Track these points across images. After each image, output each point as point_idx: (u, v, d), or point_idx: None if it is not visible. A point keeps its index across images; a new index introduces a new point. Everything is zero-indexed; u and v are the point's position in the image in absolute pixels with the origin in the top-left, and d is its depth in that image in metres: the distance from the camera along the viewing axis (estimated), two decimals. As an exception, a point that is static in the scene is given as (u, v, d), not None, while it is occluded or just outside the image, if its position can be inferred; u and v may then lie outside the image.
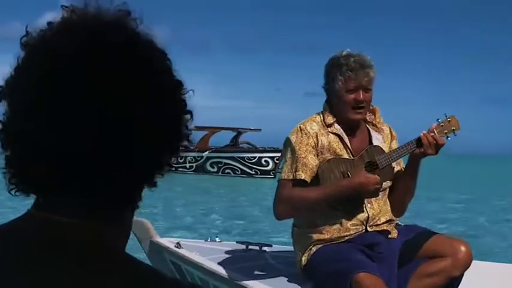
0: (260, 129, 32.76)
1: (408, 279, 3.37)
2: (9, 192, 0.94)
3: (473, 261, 3.41)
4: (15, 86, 0.92)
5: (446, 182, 27.91)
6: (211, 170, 30.62)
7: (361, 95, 3.41)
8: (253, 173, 30.22)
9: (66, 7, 0.95)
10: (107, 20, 0.94)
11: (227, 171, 30.64)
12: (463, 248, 3.36)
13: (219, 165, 30.71)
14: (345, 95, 3.42)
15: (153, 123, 0.91)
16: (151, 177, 0.96)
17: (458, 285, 3.40)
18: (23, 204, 0.97)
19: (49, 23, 0.94)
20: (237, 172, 30.54)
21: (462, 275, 3.38)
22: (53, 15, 0.96)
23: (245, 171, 30.47)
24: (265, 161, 30.38)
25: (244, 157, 30.69)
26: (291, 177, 3.39)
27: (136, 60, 0.92)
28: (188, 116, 0.98)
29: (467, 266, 3.36)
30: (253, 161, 30.49)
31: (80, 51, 0.89)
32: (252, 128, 32.56)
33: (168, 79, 0.96)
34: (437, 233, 3.54)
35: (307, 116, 3.56)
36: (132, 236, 1.05)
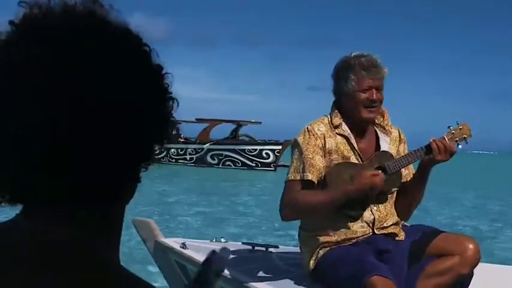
0: (260, 122, 32.81)
1: (417, 278, 3.35)
2: None
3: (486, 264, 3.39)
4: None
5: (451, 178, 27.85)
6: (212, 162, 30.65)
7: (375, 94, 3.41)
8: (254, 165, 30.25)
9: (25, 3, 0.88)
10: (75, 11, 0.88)
11: (227, 163, 30.66)
12: (470, 246, 3.35)
13: (220, 158, 30.74)
14: (358, 94, 3.41)
15: (133, 111, 0.86)
16: (135, 171, 0.91)
17: (468, 284, 3.38)
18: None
19: (11, 22, 0.87)
20: (237, 164, 30.57)
21: (471, 273, 3.36)
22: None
23: (246, 163, 30.50)
24: (266, 153, 30.41)
25: (245, 149, 30.71)
26: (298, 178, 3.37)
27: (111, 48, 0.87)
28: (171, 103, 0.92)
29: (475, 263, 3.34)
30: (254, 153, 30.52)
31: (50, 47, 0.84)
32: (252, 120, 32.59)
33: (146, 64, 0.90)
34: (444, 232, 3.53)
35: (310, 110, 3.60)
36: (136, 235, 0.99)
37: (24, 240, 0.86)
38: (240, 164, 30.54)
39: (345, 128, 3.46)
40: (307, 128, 3.45)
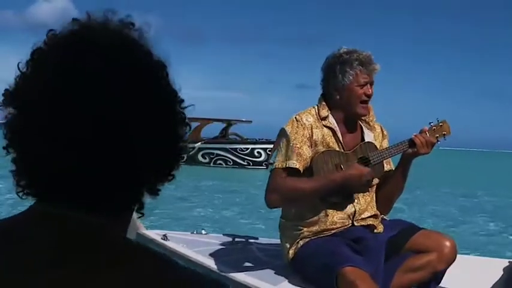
0: (251, 121, 32.87)
1: (394, 273, 3.41)
2: (17, 194, 0.96)
3: (459, 256, 3.47)
4: (20, 94, 0.95)
5: (440, 175, 28.01)
6: (203, 160, 30.63)
7: (371, 89, 3.49)
8: (246, 164, 30.26)
9: (76, 20, 0.98)
10: (110, 31, 0.97)
11: (219, 162, 30.67)
12: (447, 243, 3.43)
13: (211, 156, 30.74)
14: (356, 89, 3.47)
15: (151, 132, 0.94)
16: (152, 186, 0.99)
17: (442, 278, 3.47)
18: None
19: (51, 31, 0.98)
20: (229, 163, 30.58)
21: (446, 269, 3.44)
22: (46, 4, 0.97)
23: (237, 162, 30.51)
24: (258, 152, 30.44)
25: (237, 148, 30.73)
26: (284, 165, 3.40)
27: (134, 71, 0.95)
28: (186, 128, 1.01)
29: (452, 260, 3.43)
30: (246, 152, 30.53)
31: (79, 62, 0.93)
32: (243, 119, 32.63)
33: (165, 90, 0.98)
34: (422, 228, 3.59)
35: (298, 108, 3.60)
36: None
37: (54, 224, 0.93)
38: (232, 163, 30.56)
39: (332, 121, 3.51)
40: (296, 117, 3.48)
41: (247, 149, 30.58)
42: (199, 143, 30.53)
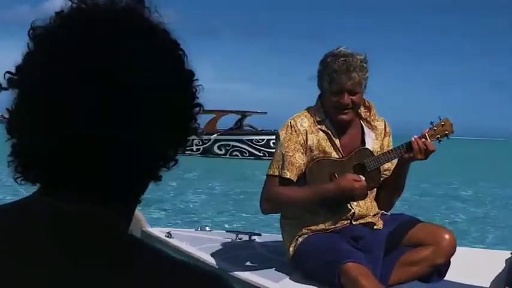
0: (266, 112, 32.79)
1: (392, 267, 3.41)
2: (14, 180, 0.93)
3: (461, 248, 3.45)
4: (24, 74, 0.91)
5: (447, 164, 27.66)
6: (219, 152, 30.67)
7: (346, 98, 3.36)
8: (261, 155, 30.22)
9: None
10: (119, 8, 0.92)
11: (235, 153, 30.67)
12: (446, 236, 3.41)
13: (227, 148, 30.76)
14: (330, 96, 3.40)
15: (159, 113, 0.89)
16: (156, 170, 0.95)
17: (445, 272, 3.45)
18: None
19: (58, 13, 0.93)
20: (244, 154, 30.57)
21: (448, 262, 3.43)
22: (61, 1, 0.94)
23: (253, 153, 30.49)
24: (274, 143, 30.29)
25: (253, 139, 30.70)
26: (276, 173, 3.42)
27: (149, 48, 0.90)
28: (197, 109, 0.96)
29: (451, 253, 3.41)
30: (262, 143, 30.49)
31: (87, 39, 0.88)
32: (258, 111, 32.58)
33: (179, 68, 0.94)
34: (422, 221, 3.57)
35: (311, 100, 3.56)
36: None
37: (47, 214, 0.89)
38: (248, 154, 30.53)
39: (328, 124, 3.46)
40: (290, 122, 3.45)
41: (263, 140, 30.55)
42: (215, 135, 30.55)
